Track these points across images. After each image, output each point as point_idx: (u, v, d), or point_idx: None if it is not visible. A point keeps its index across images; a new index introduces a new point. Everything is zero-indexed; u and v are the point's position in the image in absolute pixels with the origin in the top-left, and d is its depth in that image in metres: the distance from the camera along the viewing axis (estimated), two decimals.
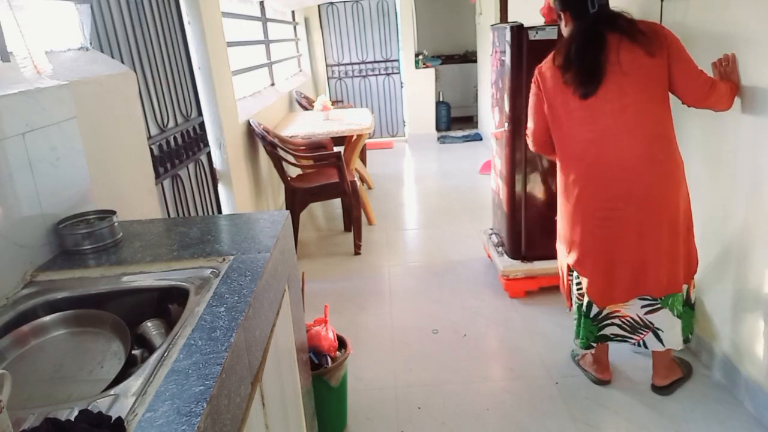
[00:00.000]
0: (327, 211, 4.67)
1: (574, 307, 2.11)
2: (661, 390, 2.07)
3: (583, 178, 1.92)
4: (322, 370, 1.86)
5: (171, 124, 2.38)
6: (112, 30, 1.92)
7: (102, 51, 1.83)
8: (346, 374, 1.99)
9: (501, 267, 2.89)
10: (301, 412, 1.51)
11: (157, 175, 2.11)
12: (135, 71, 1.91)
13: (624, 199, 1.85)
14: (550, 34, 2.53)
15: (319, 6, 6.99)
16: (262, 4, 4.86)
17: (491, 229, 3.35)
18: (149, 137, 2.10)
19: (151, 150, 2.08)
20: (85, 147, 1.45)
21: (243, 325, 0.96)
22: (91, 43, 1.76)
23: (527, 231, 2.86)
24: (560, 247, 2.14)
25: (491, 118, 3.13)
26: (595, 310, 2.02)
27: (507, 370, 2.32)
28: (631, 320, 2.01)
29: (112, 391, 0.81)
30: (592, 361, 2.19)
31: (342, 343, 2.01)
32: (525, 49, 2.57)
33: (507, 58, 2.65)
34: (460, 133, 7.27)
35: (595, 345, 2.09)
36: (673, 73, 1.80)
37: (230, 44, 3.35)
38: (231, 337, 0.91)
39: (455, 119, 7.92)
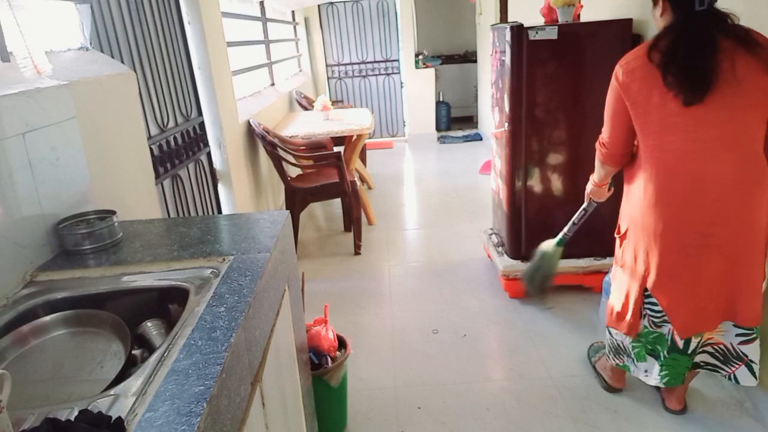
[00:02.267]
0: (327, 211, 4.67)
1: (647, 335, 1.85)
2: (679, 412, 1.97)
3: (674, 197, 1.67)
4: (322, 370, 1.86)
5: (171, 124, 2.38)
6: (112, 30, 1.92)
7: (102, 51, 1.83)
8: (346, 374, 1.99)
9: (501, 267, 2.89)
10: (301, 412, 1.51)
11: (157, 175, 2.11)
12: (135, 71, 1.91)
13: (721, 224, 1.63)
14: (550, 34, 2.53)
15: (319, 6, 6.99)
16: (262, 4, 4.86)
17: (491, 229, 3.35)
18: (149, 137, 2.10)
19: (151, 150, 2.08)
20: (85, 147, 1.45)
21: (243, 325, 0.96)
22: (91, 43, 1.76)
23: (527, 231, 2.86)
24: (626, 268, 1.87)
25: (491, 118, 3.13)
26: (693, 343, 1.79)
27: (507, 370, 2.32)
28: (724, 349, 1.80)
29: (112, 391, 0.81)
30: (610, 366, 2.09)
31: (342, 343, 2.01)
32: (525, 49, 2.57)
33: (507, 58, 2.65)
34: (460, 133, 7.27)
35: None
36: None
37: (230, 44, 3.35)
38: (231, 337, 0.91)
39: (455, 119, 7.92)
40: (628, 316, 1.86)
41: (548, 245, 2.37)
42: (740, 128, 1.61)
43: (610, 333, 1.98)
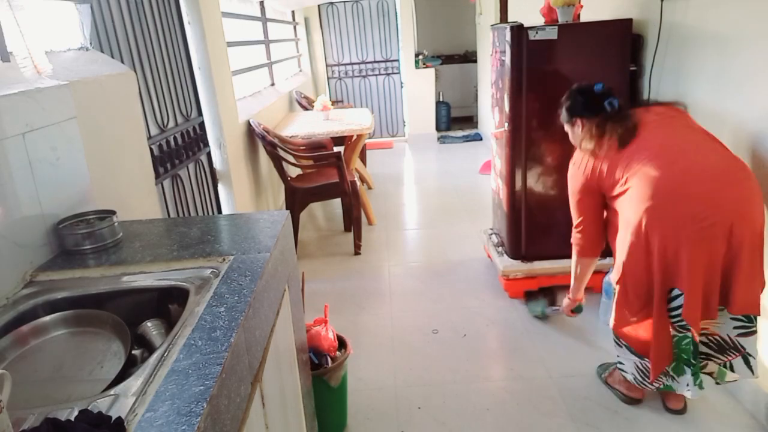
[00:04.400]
0: (327, 211, 4.67)
1: (678, 343, 1.81)
2: (680, 411, 1.97)
3: (667, 195, 1.70)
4: (322, 370, 1.86)
5: (171, 124, 2.38)
6: (112, 30, 1.92)
7: (102, 51, 1.83)
8: (346, 374, 1.99)
9: (501, 267, 2.89)
10: (301, 412, 1.51)
11: (157, 175, 2.11)
12: (135, 71, 1.91)
13: (717, 207, 1.65)
14: (550, 34, 2.53)
15: (319, 6, 6.99)
16: (262, 4, 4.86)
17: (491, 229, 3.35)
18: (149, 137, 2.10)
19: (151, 150, 2.08)
20: (85, 147, 1.45)
21: (243, 325, 0.96)
22: (91, 43, 1.76)
23: (527, 231, 2.86)
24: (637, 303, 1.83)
25: (491, 118, 3.12)
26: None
27: (507, 370, 2.32)
28: (719, 339, 1.81)
29: (112, 391, 0.81)
30: (622, 378, 2.04)
31: (342, 343, 2.01)
32: (525, 49, 2.57)
33: (507, 58, 2.65)
34: (460, 133, 7.27)
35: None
36: None
37: (230, 44, 3.35)
38: (231, 337, 0.91)
39: (455, 119, 7.92)
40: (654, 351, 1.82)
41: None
42: (698, 133, 1.81)
43: (636, 356, 1.90)
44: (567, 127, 2.11)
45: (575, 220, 2.08)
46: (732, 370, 1.82)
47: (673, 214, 1.68)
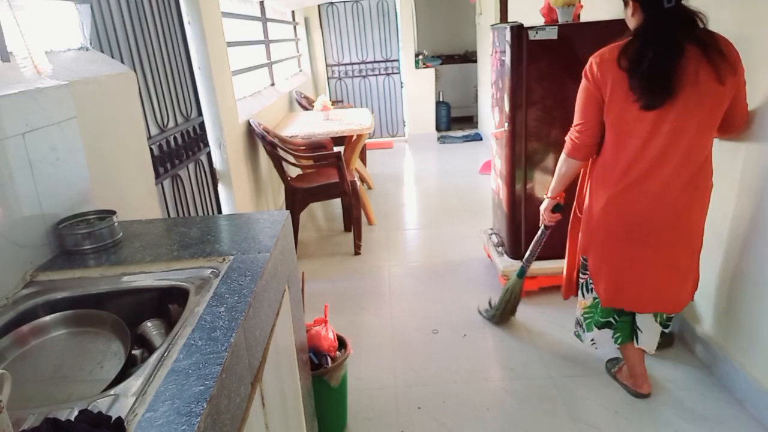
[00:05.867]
0: (327, 211, 4.67)
1: (589, 300, 2.06)
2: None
3: (616, 192, 1.81)
4: (322, 370, 1.86)
5: (171, 124, 2.38)
6: (112, 30, 1.92)
7: (102, 51, 1.83)
8: (346, 374, 1.99)
9: (501, 267, 2.89)
10: (301, 412, 1.51)
11: (157, 175, 2.11)
12: (135, 71, 1.91)
13: (651, 223, 1.78)
14: (550, 34, 2.53)
15: (319, 6, 6.99)
16: (262, 4, 4.86)
17: (491, 229, 3.35)
18: (149, 137, 2.10)
19: (151, 150, 2.08)
20: (85, 147, 1.45)
21: (243, 325, 0.96)
22: (91, 43, 1.76)
23: (527, 231, 2.86)
24: (575, 240, 2.10)
25: (491, 118, 3.13)
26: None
27: (507, 370, 2.32)
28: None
29: (112, 391, 0.81)
30: (629, 374, 2.11)
31: (342, 343, 2.01)
32: (525, 49, 2.57)
33: (507, 58, 2.65)
34: (460, 133, 7.27)
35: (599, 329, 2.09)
36: (731, 106, 1.69)
37: (230, 44, 3.35)
38: (231, 337, 0.91)
39: (455, 119, 7.92)
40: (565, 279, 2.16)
41: (511, 279, 2.57)
42: (694, 138, 1.68)
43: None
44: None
45: (576, 118, 1.90)
46: (637, 341, 2.04)
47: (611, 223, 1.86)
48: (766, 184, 1.82)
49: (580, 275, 2.07)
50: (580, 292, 2.10)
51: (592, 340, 2.12)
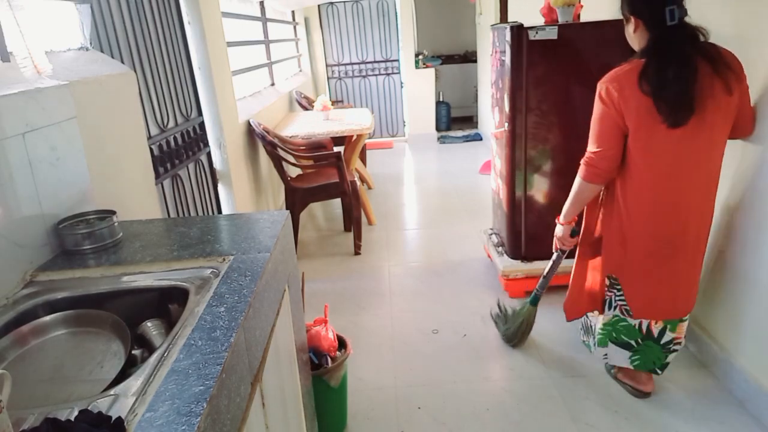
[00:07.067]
0: (327, 211, 4.67)
1: (609, 316, 2.04)
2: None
3: (653, 214, 1.83)
4: (322, 370, 1.86)
5: (171, 124, 2.38)
6: (112, 30, 1.92)
7: (102, 51, 1.83)
8: (346, 374, 1.99)
9: (501, 267, 2.89)
10: (301, 412, 1.51)
11: (157, 175, 2.11)
12: (135, 71, 1.91)
13: (685, 236, 1.82)
14: (550, 34, 2.53)
15: (319, 6, 6.99)
16: (262, 4, 4.85)
17: (491, 229, 3.35)
18: (149, 137, 2.10)
19: (151, 150, 2.08)
20: (85, 147, 1.45)
21: (243, 325, 0.96)
22: (91, 43, 1.76)
23: (527, 231, 2.86)
24: (585, 260, 2.10)
25: (491, 118, 3.13)
26: (667, 336, 1.97)
27: (507, 370, 2.32)
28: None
29: (112, 391, 0.81)
30: (631, 374, 2.11)
31: (342, 343, 2.01)
32: (525, 49, 2.57)
33: (507, 58, 2.65)
34: (460, 133, 7.27)
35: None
36: (740, 112, 1.75)
37: (230, 44, 3.35)
38: (231, 337, 0.91)
39: (455, 119, 7.92)
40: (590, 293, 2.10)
41: (524, 308, 2.46)
42: (712, 149, 1.75)
43: (586, 316, 2.21)
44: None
45: (595, 144, 1.85)
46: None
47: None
48: (758, 179, 1.83)
49: (607, 293, 2.03)
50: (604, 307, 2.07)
51: (605, 354, 2.10)
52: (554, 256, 2.28)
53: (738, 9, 1.93)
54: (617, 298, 1.99)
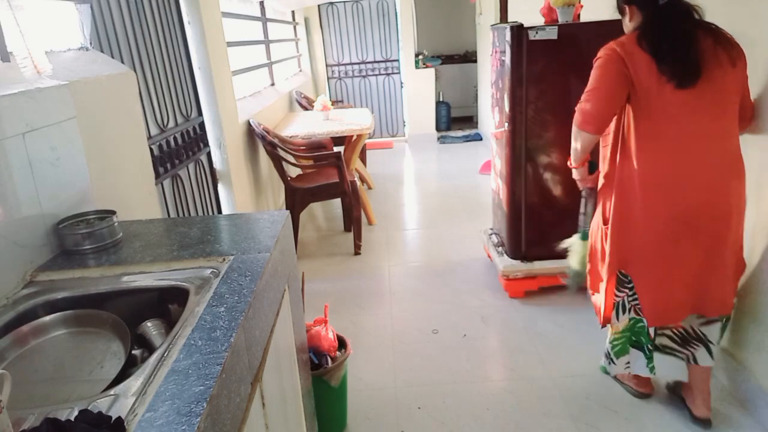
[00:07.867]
0: (327, 211, 4.67)
1: (623, 322, 1.92)
2: (707, 423, 1.89)
3: (660, 185, 1.70)
4: (322, 370, 1.86)
5: (171, 124, 2.38)
6: (112, 30, 1.92)
7: (102, 51, 1.83)
8: (346, 374, 1.99)
9: (501, 267, 2.89)
10: (301, 412, 1.51)
11: (157, 175, 2.11)
12: (135, 71, 1.91)
13: (702, 215, 1.68)
14: (550, 34, 2.53)
15: (319, 6, 6.99)
16: (262, 4, 4.86)
17: (491, 229, 3.35)
18: (149, 137, 2.10)
19: (151, 150, 2.08)
20: (85, 147, 1.45)
21: (243, 325, 0.96)
22: (91, 43, 1.76)
23: (527, 231, 2.86)
24: (603, 251, 1.91)
25: (491, 118, 3.13)
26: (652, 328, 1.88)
27: (507, 370, 2.32)
28: (683, 332, 1.89)
29: (112, 391, 0.81)
30: (631, 375, 2.07)
31: (342, 343, 2.01)
32: (525, 49, 2.57)
33: (507, 58, 2.65)
34: (460, 133, 7.27)
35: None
36: (741, 98, 1.70)
37: (230, 44, 3.35)
38: (231, 337, 0.91)
39: (455, 119, 7.92)
40: (603, 308, 1.94)
41: (575, 242, 2.23)
42: (723, 119, 1.67)
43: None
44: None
45: (591, 87, 1.77)
46: (695, 362, 1.89)
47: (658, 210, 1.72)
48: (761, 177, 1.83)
49: (616, 294, 1.89)
50: (614, 315, 1.93)
51: (627, 363, 1.98)
52: (583, 193, 2.15)
53: (738, 9, 1.93)
54: (630, 298, 1.87)
